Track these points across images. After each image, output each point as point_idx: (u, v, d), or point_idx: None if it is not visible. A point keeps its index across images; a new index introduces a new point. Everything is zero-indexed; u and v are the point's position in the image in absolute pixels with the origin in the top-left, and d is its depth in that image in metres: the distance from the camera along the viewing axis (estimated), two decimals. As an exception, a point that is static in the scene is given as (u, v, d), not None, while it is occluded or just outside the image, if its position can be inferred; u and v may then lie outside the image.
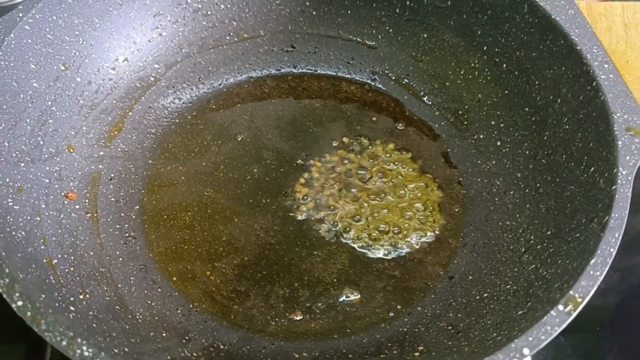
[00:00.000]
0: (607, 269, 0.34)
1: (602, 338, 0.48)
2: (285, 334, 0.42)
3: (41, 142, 0.44)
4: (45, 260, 0.38)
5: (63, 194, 0.43)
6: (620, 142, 0.39)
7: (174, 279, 0.44)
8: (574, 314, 0.32)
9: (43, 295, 0.33)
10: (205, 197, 0.48)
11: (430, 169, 0.51)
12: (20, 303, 0.31)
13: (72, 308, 0.36)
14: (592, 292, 0.33)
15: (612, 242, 0.35)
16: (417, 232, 0.47)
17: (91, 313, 0.38)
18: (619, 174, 0.38)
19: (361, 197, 0.48)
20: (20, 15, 0.43)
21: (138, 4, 0.51)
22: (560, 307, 0.33)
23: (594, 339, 0.48)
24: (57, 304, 0.35)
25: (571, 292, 0.33)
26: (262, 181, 0.49)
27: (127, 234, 0.45)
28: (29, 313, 0.30)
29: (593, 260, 0.34)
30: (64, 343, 0.30)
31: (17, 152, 0.41)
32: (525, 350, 0.31)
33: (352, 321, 0.43)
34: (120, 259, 0.44)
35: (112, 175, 0.48)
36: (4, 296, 0.31)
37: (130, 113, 0.51)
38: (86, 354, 0.29)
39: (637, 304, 0.47)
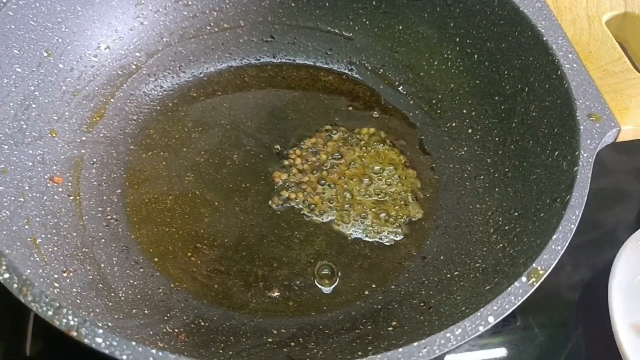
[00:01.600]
0: (567, 243, 0.36)
1: (572, 324, 0.50)
2: (264, 312, 0.43)
3: (24, 126, 0.45)
4: (29, 239, 0.39)
5: (48, 177, 0.44)
6: (582, 127, 0.42)
7: (156, 259, 0.45)
8: (537, 285, 0.34)
9: (28, 271, 0.34)
10: (186, 181, 0.49)
11: (405, 156, 0.52)
12: (7, 275, 0.32)
13: (56, 284, 0.37)
14: (553, 264, 0.35)
15: (573, 219, 0.37)
16: (393, 215, 0.49)
17: (75, 290, 0.39)
18: (581, 156, 0.40)
19: (338, 182, 0.50)
20: (4, 1, 0.44)
21: (120, -7, 0.52)
22: (524, 279, 0.35)
23: (562, 325, 0.50)
24: (41, 279, 0.36)
25: (534, 265, 0.35)
26: (242, 166, 0.51)
27: (109, 217, 0.46)
28: (15, 285, 0.32)
29: (555, 236, 0.36)
30: (50, 313, 0.31)
31: (1, 135, 0.42)
32: (491, 319, 0.33)
33: (329, 299, 0.44)
34: (103, 240, 0.45)
35: (95, 160, 0.49)
36: (-9, 269, 0.32)
37: (112, 100, 0.52)
38: (72, 322, 0.30)
39: (598, 286, 0.49)
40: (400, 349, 0.31)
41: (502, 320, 0.47)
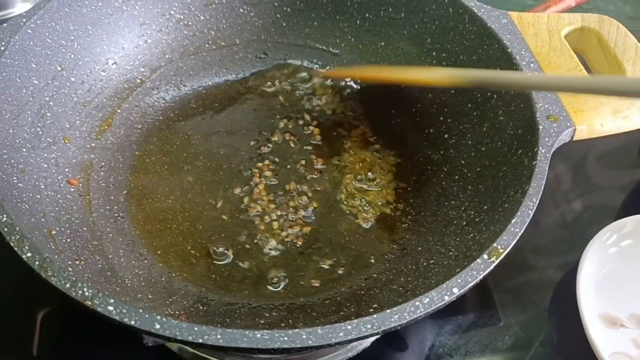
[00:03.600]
0: (525, 226, 0.41)
1: (542, 312, 0.54)
2: (257, 297, 0.47)
3: (40, 132, 0.49)
4: (45, 230, 0.44)
5: (64, 179, 0.49)
6: (541, 127, 0.46)
7: (159, 252, 0.49)
8: (496, 262, 0.39)
9: (46, 254, 0.38)
10: (186, 183, 0.54)
11: (387, 158, 0.57)
12: (29, 254, 0.36)
13: (70, 269, 0.42)
14: (512, 244, 0.40)
15: (530, 205, 0.42)
16: (376, 212, 0.53)
17: (86, 275, 0.43)
18: (539, 152, 0.45)
19: (323, 183, 0.55)
20: (24, 20, 0.49)
21: (127, 14, 0.57)
22: (485, 256, 0.39)
23: (534, 313, 0.54)
24: (57, 264, 0.40)
25: (494, 244, 0.40)
26: (237, 170, 0.55)
27: (116, 214, 0.51)
28: (37, 262, 0.36)
29: (514, 220, 0.41)
30: (68, 285, 0.35)
31: (20, 139, 0.47)
32: (455, 290, 0.37)
33: (316, 287, 0.48)
34: (111, 235, 0.49)
35: (103, 164, 0.53)
36: (15, 249, 0.36)
37: (119, 110, 0.57)
38: (87, 293, 0.35)
39: (570, 283, 0.53)
40: (375, 315, 0.35)
41: (482, 314, 0.52)
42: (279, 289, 0.48)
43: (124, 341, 0.45)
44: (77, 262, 0.44)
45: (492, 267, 0.38)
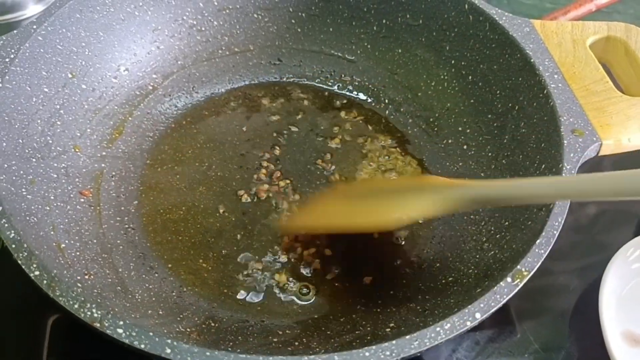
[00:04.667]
0: (550, 247, 0.39)
1: (562, 327, 0.52)
2: (270, 314, 0.46)
3: (50, 141, 0.48)
4: (54, 244, 0.42)
5: (78, 191, 0.48)
6: (565, 142, 0.45)
7: (170, 265, 0.48)
8: (520, 285, 0.37)
9: (55, 271, 0.37)
10: (198, 193, 0.53)
11: (405, 169, 0.56)
12: (37, 273, 0.35)
13: (79, 285, 0.41)
14: (537, 266, 0.38)
15: (556, 225, 0.40)
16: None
17: (95, 291, 0.42)
18: (564, 168, 0.43)
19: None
20: (35, 27, 0.48)
21: (139, 20, 0.56)
22: (509, 279, 0.37)
23: (555, 328, 0.52)
24: (66, 280, 0.39)
25: (518, 267, 0.38)
26: (250, 180, 0.54)
27: (126, 226, 0.50)
28: (45, 281, 0.35)
29: (538, 241, 0.39)
30: (76, 306, 0.34)
31: (30, 149, 0.46)
32: (478, 315, 0.36)
33: (331, 304, 0.47)
34: (121, 247, 0.48)
35: (114, 173, 0.52)
36: (23, 267, 0.35)
37: (130, 118, 0.56)
38: (95, 315, 0.34)
39: (591, 296, 0.51)
40: (394, 341, 0.34)
41: (500, 330, 0.51)
42: (293, 305, 0.47)
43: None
44: (87, 277, 0.43)
45: (515, 290, 0.37)
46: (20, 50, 0.46)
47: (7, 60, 0.45)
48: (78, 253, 0.44)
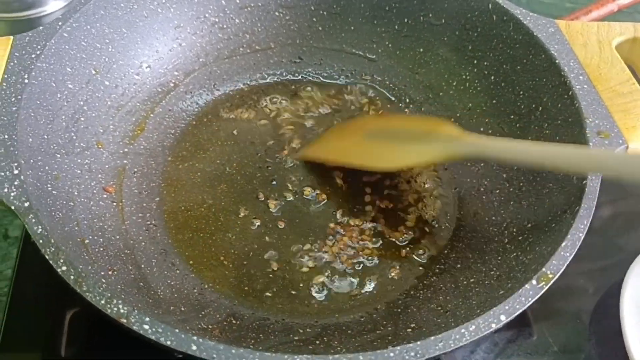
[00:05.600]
0: (575, 250, 0.39)
1: (581, 330, 0.52)
2: (291, 312, 0.46)
3: (74, 137, 0.49)
4: (79, 239, 0.43)
5: (102, 187, 0.48)
6: (591, 144, 0.44)
7: (191, 262, 0.48)
8: (546, 288, 0.37)
9: (80, 267, 0.38)
10: (219, 191, 0.53)
11: (426, 169, 0.56)
12: (64, 268, 0.35)
13: (103, 281, 0.41)
14: (562, 269, 0.38)
15: (581, 228, 0.40)
16: (412, 226, 0.52)
17: (119, 287, 0.42)
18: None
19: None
20: (60, 24, 0.48)
21: (161, 17, 0.56)
22: (534, 282, 0.37)
23: (574, 331, 0.52)
24: (91, 275, 0.40)
25: (543, 269, 0.38)
26: (271, 178, 0.54)
27: (148, 222, 0.50)
28: (72, 277, 0.35)
29: (564, 244, 0.39)
30: (103, 302, 0.34)
31: (54, 145, 0.46)
32: (502, 317, 0.35)
33: (351, 302, 0.47)
34: (143, 244, 0.48)
35: (136, 169, 0.53)
36: (50, 262, 0.36)
37: (152, 115, 0.56)
38: (122, 311, 0.34)
39: (611, 299, 0.51)
40: (418, 342, 0.34)
41: (519, 332, 0.51)
42: (313, 303, 0.47)
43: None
44: (110, 273, 0.43)
45: (541, 293, 0.37)
46: (45, 47, 0.46)
47: (33, 56, 0.45)
48: (102, 249, 0.44)
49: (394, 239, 0.51)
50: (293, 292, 0.47)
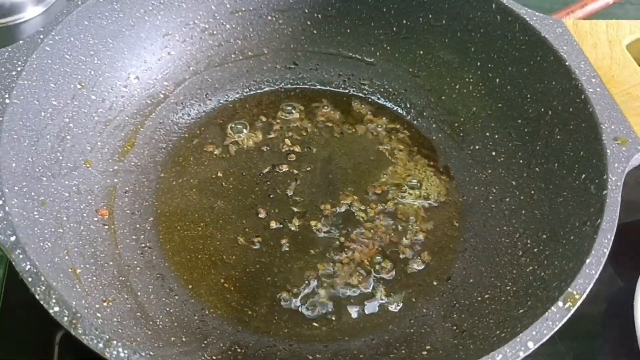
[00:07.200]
0: (601, 267, 0.37)
1: (595, 340, 0.50)
2: (298, 337, 0.44)
3: (60, 158, 0.46)
4: (70, 270, 0.40)
5: (95, 209, 0.45)
6: (609, 151, 0.42)
7: (190, 286, 0.46)
8: (573, 310, 0.35)
9: (74, 302, 0.35)
10: (216, 208, 0.50)
11: (429, 178, 0.53)
12: (57, 309, 0.33)
13: (98, 314, 0.38)
14: (589, 289, 0.36)
15: (605, 242, 0.38)
16: (420, 239, 0.50)
17: (115, 320, 0.39)
18: (609, 180, 0.41)
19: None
20: (41, 37, 0.45)
21: (149, 25, 0.53)
22: (560, 303, 0.35)
23: (587, 341, 0.50)
24: (85, 310, 0.37)
25: (569, 289, 0.36)
26: (270, 192, 0.51)
27: (143, 245, 0.47)
28: (65, 318, 0.32)
29: (588, 260, 0.37)
30: (101, 345, 0.31)
31: (40, 167, 0.43)
32: (530, 344, 0.33)
33: (361, 324, 0.45)
34: (138, 269, 0.45)
35: (127, 188, 0.50)
36: (41, 302, 0.33)
37: (141, 129, 0.53)
38: (122, 355, 0.31)
39: (625, 308, 0.49)
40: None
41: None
42: (322, 326, 0.44)
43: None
44: (105, 304, 0.40)
45: (569, 315, 0.35)
46: (27, 63, 0.43)
47: (13, 73, 0.42)
48: (94, 278, 0.42)
49: (402, 254, 0.48)
50: (299, 315, 0.45)
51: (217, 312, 0.44)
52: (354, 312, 0.45)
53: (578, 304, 0.35)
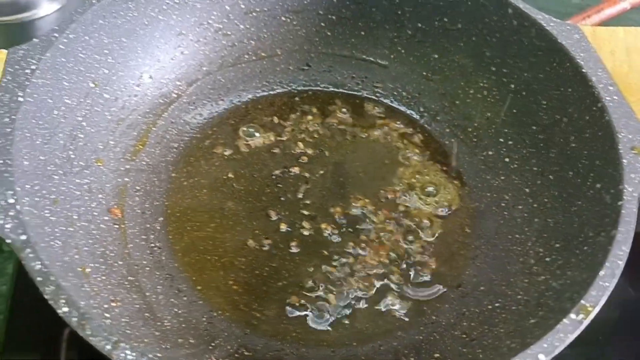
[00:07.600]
0: (615, 280, 0.36)
1: (605, 346, 0.50)
2: (306, 342, 0.43)
3: (72, 156, 0.46)
4: (79, 269, 0.40)
5: (107, 209, 0.45)
6: (625, 160, 0.42)
7: (199, 287, 0.45)
8: (586, 322, 0.34)
9: (83, 302, 0.35)
10: (227, 209, 0.50)
11: (442, 183, 0.53)
12: (65, 309, 0.33)
13: (107, 315, 0.38)
14: (603, 301, 0.35)
15: (620, 254, 0.37)
16: (431, 244, 0.49)
17: (124, 320, 0.39)
18: (625, 190, 0.40)
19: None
20: (56, 35, 0.45)
21: (163, 24, 0.53)
22: (573, 315, 0.35)
23: (597, 348, 0.50)
24: (94, 311, 0.37)
25: (582, 301, 0.35)
26: (281, 193, 0.51)
27: (152, 245, 0.47)
28: (74, 319, 0.32)
29: (602, 272, 0.36)
30: (109, 347, 0.31)
31: (52, 166, 0.43)
32: (541, 356, 0.33)
33: (369, 329, 0.44)
34: (147, 269, 0.45)
35: (138, 187, 0.50)
36: (50, 302, 0.33)
37: (154, 128, 0.53)
38: (130, 357, 0.31)
39: (637, 317, 0.49)
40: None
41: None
42: (329, 331, 0.44)
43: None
44: (114, 304, 0.40)
45: (582, 327, 0.34)
46: (41, 61, 0.43)
47: (27, 71, 0.42)
48: (104, 277, 0.42)
49: (412, 259, 0.48)
50: (308, 319, 0.45)
51: (225, 314, 0.44)
52: (362, 317, 0.45)
53: (591, 316, 0.35)
